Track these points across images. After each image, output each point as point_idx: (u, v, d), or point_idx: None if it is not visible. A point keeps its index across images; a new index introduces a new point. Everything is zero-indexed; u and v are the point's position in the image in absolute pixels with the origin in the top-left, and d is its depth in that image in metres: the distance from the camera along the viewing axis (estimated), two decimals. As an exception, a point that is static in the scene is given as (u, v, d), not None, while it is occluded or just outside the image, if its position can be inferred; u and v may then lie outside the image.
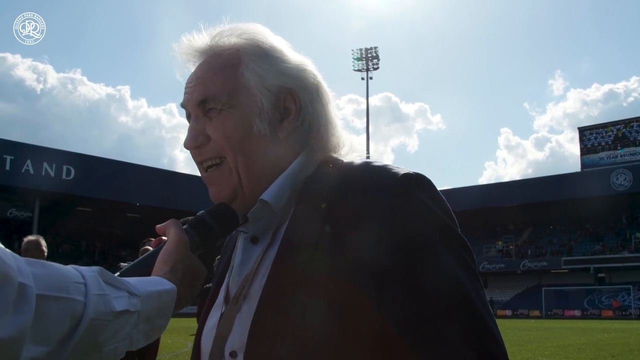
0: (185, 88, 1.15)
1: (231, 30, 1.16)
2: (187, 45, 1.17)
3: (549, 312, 56.28)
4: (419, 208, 0.98)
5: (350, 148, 1.20)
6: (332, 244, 1.00)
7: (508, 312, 58.61)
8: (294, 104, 1.13)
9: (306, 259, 1.00)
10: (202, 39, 1.16)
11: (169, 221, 1.17)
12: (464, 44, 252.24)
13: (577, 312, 55.15)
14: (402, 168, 1.05)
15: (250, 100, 1.10)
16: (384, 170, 1.05)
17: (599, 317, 52.62)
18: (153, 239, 7.55)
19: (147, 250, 7.30)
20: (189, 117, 1.16)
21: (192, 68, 1.17)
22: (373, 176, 1.05)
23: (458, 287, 0.94)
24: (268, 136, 1.11)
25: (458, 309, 0.93)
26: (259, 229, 1.13)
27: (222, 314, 1.12)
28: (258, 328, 1.00)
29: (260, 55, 1.13)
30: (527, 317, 55.71)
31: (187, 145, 1.13)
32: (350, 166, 1.12)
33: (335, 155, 1.18)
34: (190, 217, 1.20)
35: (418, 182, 1.02)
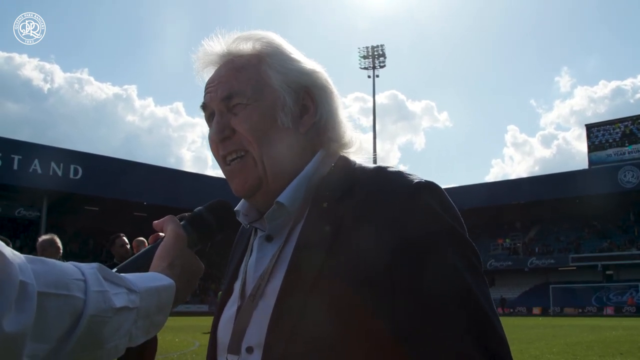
0: (207, 88, 1.18)
1: (249, 35, 1.20)
2: (206, 50, 1.21)
3: (557, 310, 56.14)
4: (426, 211, 1.02)
5: (360, 146, 1.25)
6: (341, 243, 1.03)
7: (515, 310, 58.53)
8: (311, 101, 1.18)
9: (321, 258, 1.02)
10: (220, 44, 1.20)
11: (166, 217, 1.18)
12: (470, 42, 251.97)
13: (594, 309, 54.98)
14: (416, 176, 1.08)
15: (274, 95, 1.15)
16: (397, 176, 1.09)
17: (610, 314, 52.44)
18: (122, 234, 7.67)
19: (123, 245, 7.41)
20: (209, 118, 1.19)
21: (210, 72, 1.21)
22: (386, 180, 1.09)
23: (463, 286, 0.97)
24: (291, 129, 1.15)
25: (463, 308, 0.96)
26: (274, 228, 1.15)
27: (239, 309, 1.14)
28: (276, 326, 1.03)
29: (279, 55, 1.18)
30: (535, 314, 55.58)
31: (214, 137, 1.15)
32: (363, 169, 1.16)
33: (347, 151, 1.23)
34: (187, 214, 1.21)
35: (428, 189, 1.05)
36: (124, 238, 7.60)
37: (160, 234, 1.17)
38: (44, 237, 6.64)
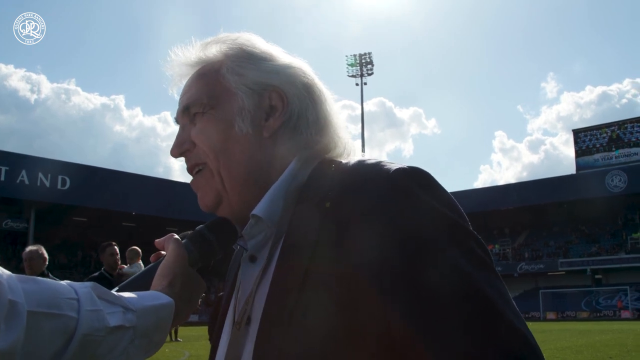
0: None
1: (217, 39, 1.16)
2: (176, 61, 1.17)
3: (551, 315, 56.32)
4: (421, 207, 0.91)
5: (345, 149, 1.16)
6: (333, 244, 0.93)
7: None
8: (280, 101, 1.10)
9: (303, 270, 0.94)
10: (190, 52, 1.17)
11: (167, 236, 1.17)
12: (457, 49, 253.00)
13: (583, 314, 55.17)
14: (396, 163, 0.97)
15: (231, 99, 1.09)
16: (378, 168, 0.97)
17: (602, 318, 52.69)
18: (114, 243, 7.75)
19: (112, 254, 7.51)
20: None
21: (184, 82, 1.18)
22: (368, 176, 0.97)
23: (469, 282, 0.86)
24: (251, 135, 1.08)
25: (468, 306, 0.84)
26: (256, 246, 1.08)
27: (230, 336, 1.09)
28: (261, 353, 0.95)
29: (242, 57, 1.12)
30: (525, 319, 55.58)
31: (171, 152, 1.13)
32: (344, 167, 1.04)
33: (329, 156, 1.13)
34: (189, 232, 1.20)
35: (416, 179, 0.94)
36: (115, 247, 7.63)
37: (162, 252, 1.17)
38: (30, 247, 6.79)
